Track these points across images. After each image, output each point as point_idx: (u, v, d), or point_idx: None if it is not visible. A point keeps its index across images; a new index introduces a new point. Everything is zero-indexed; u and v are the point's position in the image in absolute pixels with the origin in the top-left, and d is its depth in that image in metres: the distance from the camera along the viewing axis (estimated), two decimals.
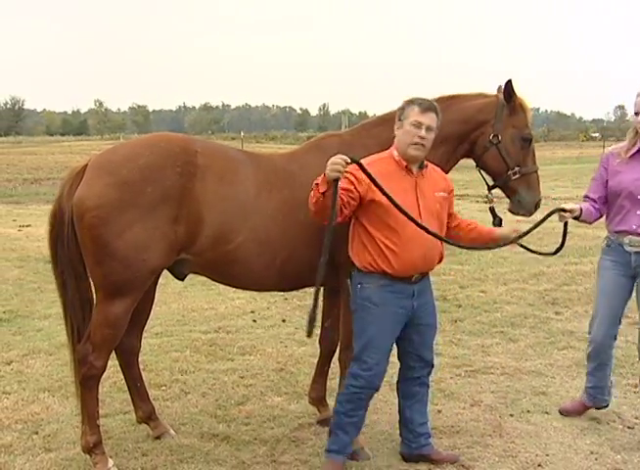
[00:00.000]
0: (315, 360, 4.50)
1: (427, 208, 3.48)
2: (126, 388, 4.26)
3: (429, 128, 3.44)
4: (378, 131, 3.97)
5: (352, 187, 3.37)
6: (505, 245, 3.82)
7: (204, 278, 3.98)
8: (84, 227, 3.49)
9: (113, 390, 4.89)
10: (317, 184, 3.22)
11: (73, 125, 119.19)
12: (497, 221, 4.00)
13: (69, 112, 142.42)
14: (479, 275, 8.81)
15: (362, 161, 3.39)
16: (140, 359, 4.25)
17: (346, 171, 3.24)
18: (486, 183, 4.06)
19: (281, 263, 3.70)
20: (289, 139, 62.38)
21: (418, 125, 3.42)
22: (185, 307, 7.33)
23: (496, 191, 4.07)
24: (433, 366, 3.80)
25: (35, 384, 5.05)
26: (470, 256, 10.04)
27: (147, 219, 3.44)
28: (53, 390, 4.92)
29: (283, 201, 3.69)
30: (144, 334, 4.24)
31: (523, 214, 4.00)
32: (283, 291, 4.44)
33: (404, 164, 3.49)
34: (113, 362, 3.99)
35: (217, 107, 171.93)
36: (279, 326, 6.64)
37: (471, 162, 4.10)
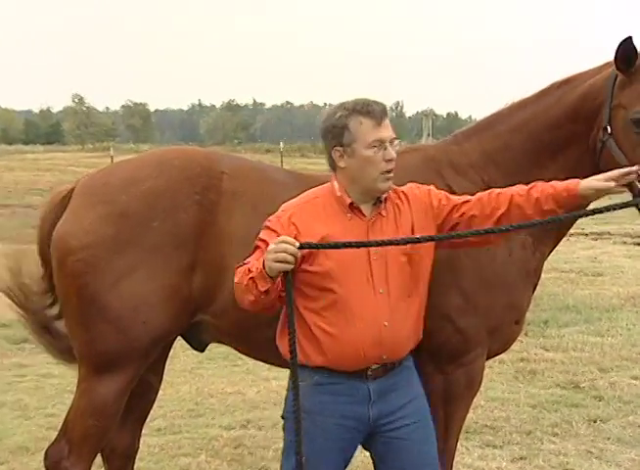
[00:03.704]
0: None
1: (382, 268, 3.26)
2: None
3: (392, 141, 3.28)
4: (471, 146, 4.00)
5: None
6: (586, 214, 3.42)
7: (226, 349, 4.02)
8: (65, 275, 3.59)
9: None
10: (252, 278, 3.10)
11: (42, 130, 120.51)
12: None
13: (36, 111, 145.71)
14: (628, 353, 8.57)
15: (289, 203, 3.33)
16: (136, 467, 4.28)
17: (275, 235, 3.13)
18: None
19: None
20: None
21: (381, 145, 3.23)
22: (200, 392, 7.38)
23: None
24: None
25: None
26: (614, 323, 9.83)
27: (151, 265, 3.53)
28: None
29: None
30: (142, 430, 4.28)
31: None
32: None
33: (348, 201, 3.30)
34: None
35: (246, 106, 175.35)
36: None
37: None
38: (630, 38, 3.50)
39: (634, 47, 3.52)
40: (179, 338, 3.95)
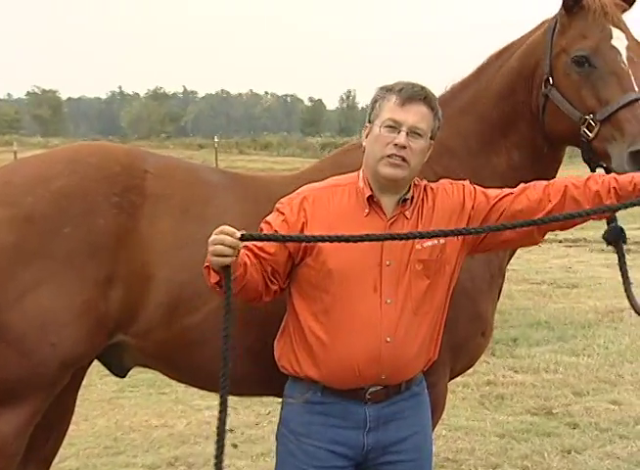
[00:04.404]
0: None
1: (394, 275, 3.28)
2: None
3: (414, 131, 3.28)
4: None
5: (273, 249, 3.26)
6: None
7: (152, 374, 3.99)
8: None
9: None
10: (207, 266, 3.15)
11: None
12: (610, 232, 3.79)
13: None
14: (606, 374, 8.69)
15: (307, 186, 3.42)
16: None
17: (244, 246, 3.12)
18: (589, 165, 3.82)
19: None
20: (291, 147, 62.65)
21: (394, 126, 3.28)
22: (119, 425, 7.29)
23: None
24: None
25: None
26: (591, 340, 9.97)
27: (61, 279, 3.49)
28: None
29: None
30: None
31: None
32: (279, 396, 4.43)
33: (368, 193, 3.34)
34: None
35: (175, 94, 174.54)
36: (275, 456, 6.57)
37: None
38: None
39: None
40: (96, 363, 3.90)
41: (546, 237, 4.41)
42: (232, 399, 6.64)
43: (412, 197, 3.37)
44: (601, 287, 13.34)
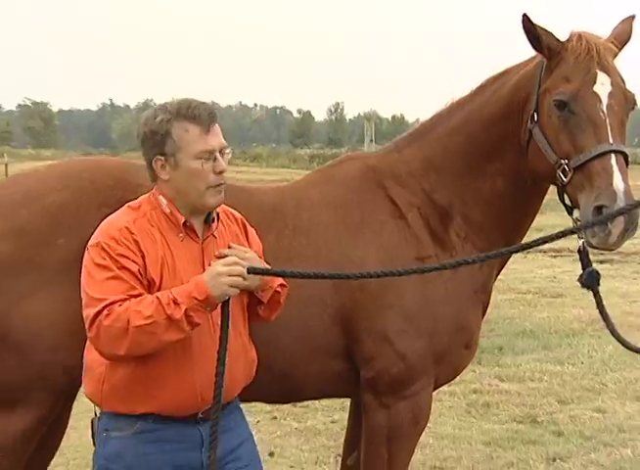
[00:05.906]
0: None
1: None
2: None
3: (223, 151, 3.23)
4: (412, 152, 4.12)
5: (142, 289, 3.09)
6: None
7: None
8: None
9: None
10: (186, 310, 2.96)
11: None
12: (585, 277, 3.73)
13: None
14: (591, 383, 8.70)
15: (118, 220, 3.18)
16: None
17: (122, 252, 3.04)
18: (565, 206, 3.82)
19: (264, 354, 3.65)
20: (280, 158, 62.79)
21: (210, 156, 3.16)
22: None
23: None
24: None
25: None
26: (575, 349, 9.99)
27: (57, 286, 3.55)
28: None
29: (270, 254, 3.64)
30: None
31: (598, 246, 3.54)
32: (270, 403, 4.43)
33: (182, 219, 3.22)
34: None
35: None
36: (266, 462, 6.54)
37: None
38: (524, 16, 3.64)
39: (531, 23, 3.64)
40: None
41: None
42: None
43: (216, 214, 3.31)
44: (585, 296, 12.90)
